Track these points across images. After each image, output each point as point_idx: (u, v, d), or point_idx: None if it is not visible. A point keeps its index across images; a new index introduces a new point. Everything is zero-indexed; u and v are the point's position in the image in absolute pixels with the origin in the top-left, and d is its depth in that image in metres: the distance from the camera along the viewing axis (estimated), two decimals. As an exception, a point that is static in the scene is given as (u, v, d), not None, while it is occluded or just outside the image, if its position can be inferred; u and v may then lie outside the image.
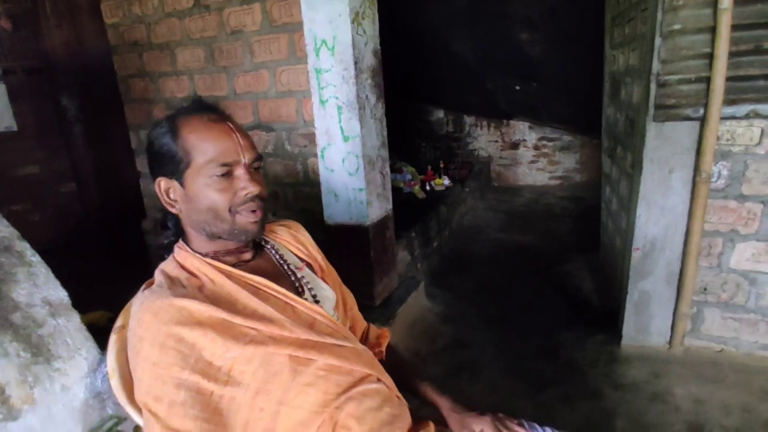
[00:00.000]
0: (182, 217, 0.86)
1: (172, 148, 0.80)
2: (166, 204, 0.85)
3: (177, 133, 0.80)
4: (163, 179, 0.83)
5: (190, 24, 2.57)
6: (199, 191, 0.81)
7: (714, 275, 1.97)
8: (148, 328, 0.73)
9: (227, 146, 0.81)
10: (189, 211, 0.84)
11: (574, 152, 5.35)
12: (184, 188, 0.82)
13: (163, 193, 0.84)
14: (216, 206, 0.81)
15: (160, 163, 0.82)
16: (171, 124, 0.82)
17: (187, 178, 0.81)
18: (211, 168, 0.79)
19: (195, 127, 0.81)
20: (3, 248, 0.71)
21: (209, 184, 0.80)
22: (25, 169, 3.88)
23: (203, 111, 0.84)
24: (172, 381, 0.70)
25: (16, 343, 0.66)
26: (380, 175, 2.24)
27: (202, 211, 0.82)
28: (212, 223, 0.83)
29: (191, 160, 0.80)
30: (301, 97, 2.36)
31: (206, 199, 0.81)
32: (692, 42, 1.71)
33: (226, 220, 0.82)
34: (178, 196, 0.83)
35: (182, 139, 0.80)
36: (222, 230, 0.83)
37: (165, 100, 2.84)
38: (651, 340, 2.12)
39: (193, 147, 0.80)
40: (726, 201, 1.86)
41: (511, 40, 3.70)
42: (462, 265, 3.46)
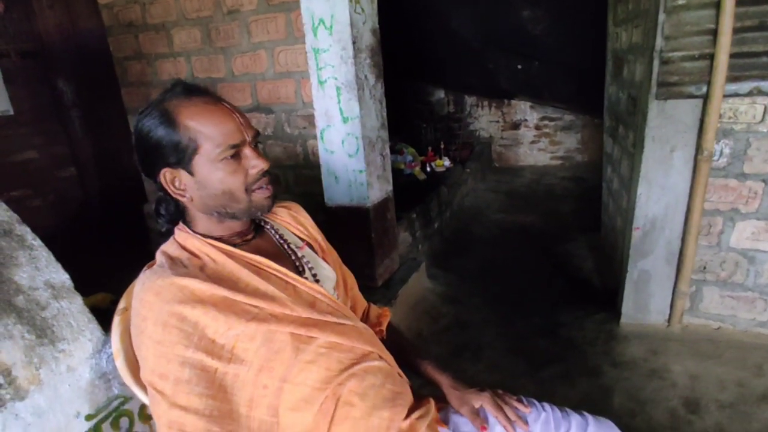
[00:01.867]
0: (192, 205, 0.84)
1: (174, 137, 0.78)
2: (176, 194, 0.83)
3: (175, 121, 0.78)
4: (168, 170, 0.81)
5: (185, 4, 2.53)
6: (211, 176, 0.80)
7: (713, 254, 1.97)
8: (150, 308, 0.73)
9: (231, 127, 0.80)
10: (202, 198, 0.82)
11: (576, 132, 5.31)
12: (193, 175, 0.80)
13: (169, 183, 0.82)
14: (231, 188, 0.81)
15: (160, 155, 0.79)
16: (164, 113, 0.79)
17: (195, 165, 0.80)
18: (220, 151, 0.79)
19: (195, 113, 0.78)
20: (3, 232, 0.71)
21: (221, 167, 0.80)
22: (24, 154, 3.86)
23: (193, 94, 0.81)
24: (176, 359, 0.71)
25: (20, 326, 0.67)
26: (380, 156, 2.23)
27: (217, 195, 0.82)
28: (228, 205, 0.83)
29: (198, 146, 0.78)
30: (300, 78, 2.34)
31: (221, 183, 0.81)
32: (696, 18, 1.68)
33: (242, 200, 0.83)
34: (187, 184, 0.82)
35: (183, 127, 0.78)
36: (238, 210, 0.84)
37: (162, 83, 2.81)
38: (650, 318, 2.14)
39: (198, 133, 0.78)
40: (727, 180, 1.85)
41: (513, 17, 3.64)
42: (463, 246, 3.47)
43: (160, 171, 0.81)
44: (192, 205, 0.85)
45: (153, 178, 0.84)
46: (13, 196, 3.81)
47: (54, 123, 3.96)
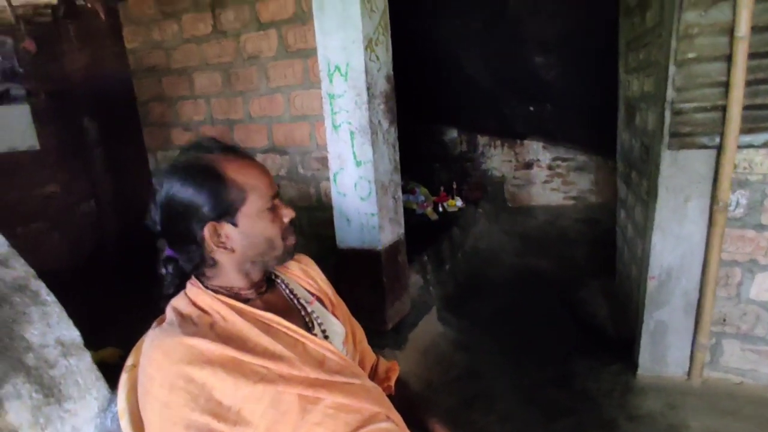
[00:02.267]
0: (229, 257, 0.85)
1: (221, 190, 0.81)
2: (218, 247, 0.83)
3: (222, 176, 0.81)
4: (212, 224, 0.82)
5: (207, 49, 2.63)
6: (256, 225, 0.85)
7: (733, 306, 1.92)
8: (158, 368, 0.73)
9: (267, 180, 0.86)
10: (244, 248, 0.85)
11: (589, 173, 5.30)
12: (237, 227, 0.83)
13: (211, 236, 0.82)
14: (272, 236, 0.87)
15: (203, 211, 0.80)
16: (209, 170, 0.81)
17: (240, 217, 0.83)
18: (263, 202, 0.84)
19: (239, 167, 0.83)
20: (18, 287, 0.72)
21: (264, 217, 0.85)
22: (46, 188, 3.96)
23: (229, 152, 0.86)
24: (181, 422, 0.70)
25: (28, 385, 0.67)
26: (392, 199, 2.24)
27: (260, 243, 0.86)
28: (267, 253, 0.87)
29: (245, 198, 0.82)
30: (315, 121, 2.39)
31: (265, 231, 0.86)
32: (707, 70, 1.70)
33: (279, 247, 0.88)
34: (231, 236, 0.83)
35: (231, 181, 0.81)
36: (273, 258, 0.89)
37: (182, 123, 2.90)
38: (668, 370, 2.07)
39: (244, 186, 0.82)
40: (744, 230, 1.82)
41: (526, 63, 3.71)
42: (475, 290, 3.43)
43: (203, 226, 0.81)
44: (229, 258, 0.85)
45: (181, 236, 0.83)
46: (32, 228, 3.89)
47: (77, 160, 4.08)
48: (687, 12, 1.67)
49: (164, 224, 0.85)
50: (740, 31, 1.60)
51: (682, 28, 1.70)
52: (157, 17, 2.75)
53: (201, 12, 2.57)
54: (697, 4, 1.66)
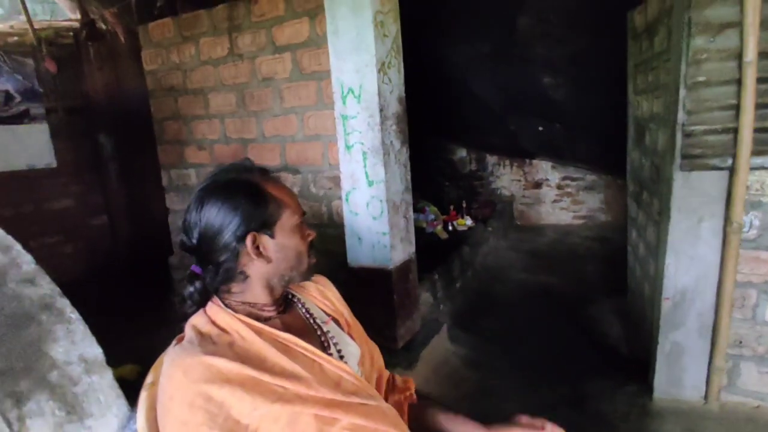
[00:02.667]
0: (264, 268, 0.89)
1: (262, 205, 0.88)
2: (258, 256, 0.88)
3: (264, 192, 0.89)
4: (254, 234, 0.87)
5: (223, 71, 2.70)
6: (290, 239, 0.91)
7: (749, 328, 1.89)
8: (178, 387, 0.74)
9: (296, 200, 0.95)
10: (279, 260, 0.90)
11: (598, 192, 5.30)
12: (274, 238, 0.89)
13: (252, 246, 0.87)
14: (301, 250, 0.93)
15: (246, 222, 0.86)
16: (253, 186, 0.89)
17: (277, 230, 0.89)
18: (296, 218, 0.92)
19: (275, 186, 0.92)
20: (44, 306, 0.74)
21: (296, 231, 0.92)
22: (61, 202, 4.04)
23: (265, 175, 0.94)
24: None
25: (52, 402, 0.68)
26: (404, 219, 2.26)
27: (293, 257, 0.92)
28: (296, 267, 0.93)
29: (282, 213, 0.90)
30: (327, 141, 2.43)
31: (297, 245, 0.92)
32: (717, 94, 1.72)
33: (305, 263, 0.94)
34: (268, 247, 0.89)
35: (271, 197, 0.89)
36: (299, 272, 0.94)
37: (196, 141, 2.96)
38: (685, 394, 2.04)
39: (281, 202, 0.90)
40: (758, 252, 1.81)
41: (534, 83, 3.75)
42: (486, 307, 3.41)
43: (244, 236, 0.86)
44: (263, 269, 0.89)
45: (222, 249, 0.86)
46: (47, 242, 3.96)
47: (92, 174, 4.17)
48: (695, 38, 1.70)
49: (202, 238, 0.87)
50: (748, 57, 1.62)
51: (691, 54, 1.72)
52: (177, 40, 2.83)
53: (219, 36, 2.65)
54: (705, 30, 1.68)
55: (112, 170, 4.20)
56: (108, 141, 4.13)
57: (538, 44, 3.42)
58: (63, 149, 3.98)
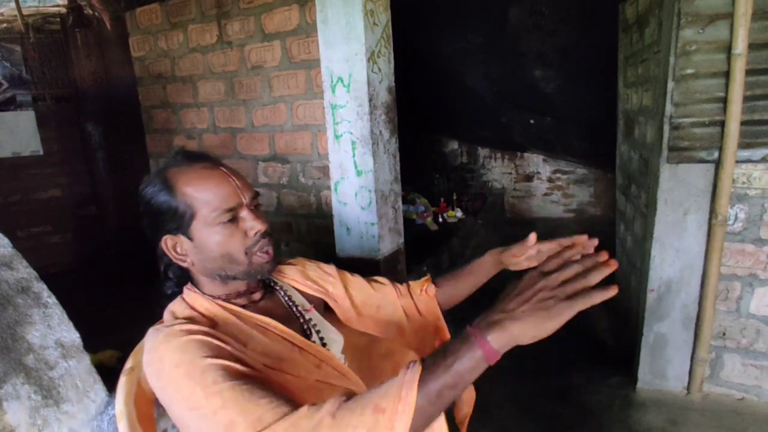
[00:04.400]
0: (194, 269, 0.87)
1: (172, 204, 0.81)
2: (177, 260, 0.85)
3: (173, 188, 0.81)
4: (169, 236, 0.83)
5: (212, 59, 2.67)
6: (209, 240, 0.82)
7: (733, 320, 1.92)
8: (165, 349, 0.72)
9: (227, 191, 0.82)
10: (202, 262, 0.84)
11: (589, 186, 5.32)
12: (192, 240, 0.83)
13: (171, 250, 0.84)
14: (230, 251, 0.83)
15: (161, 221, 0.82)
16: (164, 181, 0.82)
17: (193, 231, 0.82)
18: (216, 216, 0.81)
19: (191, 179, 0.81)
20: (21, 289, 0.73)
21: (218, 231, 0.81)
22: (48, 192, 4.00)
23: (193, 161, 0.85)
24: (197, 372, 0.68)
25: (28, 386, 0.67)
26: (392, 209, 2.25)
27: (216, 258, 0.83)
28: (228, 268, 0.84)
29: (195, 212, 0.81)
30: (317, 131, 2.41)
31: (219, 247, 0.82)
32: (706, 86, 1.72)
33: (242, 263, 0.84)
34: (187, 249, 0.84)
35: (181, 193, 0.80)
36: (238, 272, 0.85)
37: (185, 130, 2.92)
38: (668, 384, 2.06)
39: (194, 198, 0.80)
40: (743, 244, 1.83)
41: (526, 76, 3.75)
42: (473, 300, 3.41)
43: (162, 238, 0.83)
44: (194, 269, 0.87)
45: (156, 243, 0.86)
46: (34, 232, 3.92)
47: (80, 163, 4.12)
48: (685, 29, 1.70)
49: (147, 231, 0.87)
50: (737, 49, 1.63)
51: (680, 45, 1.72)
52: (164, 27, 2.79)
53: (207, 23, 2.61)
54: (694, 22, 1.69)
55: (100, 159, 4.15)
56: (96, 129, 4.07)
57: (529, 37, 3.41)
58: (50, 138, 3.93)
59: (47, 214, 3.99)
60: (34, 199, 3.93)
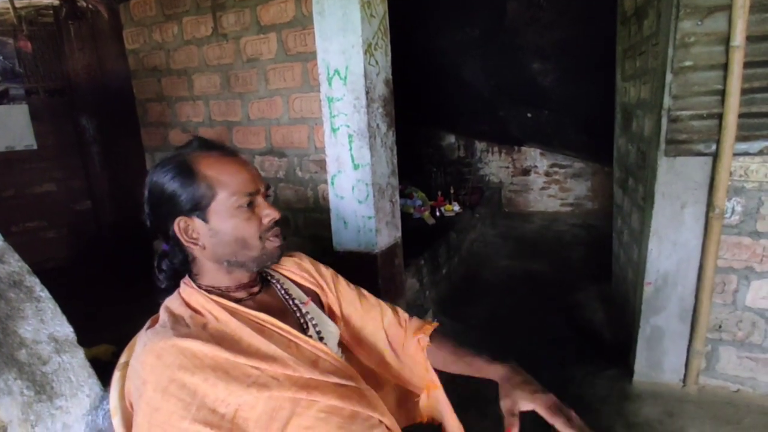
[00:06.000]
0: (203, 254, 0.86)
1: (191, 185, 0.81)
2: (188, 242, 0.84)
3: (194, 171, 0.82)
4: (182, 218, 0.83)
5: (208, 51, 2.64)
6: (226, 223, 0.83)
7: (729, 312, 1.92)
8: (151, 371, 0.72)
9: (246, 177, 0.84)
10: (214, 246, 0.84)
11: (586, 179, 5.33)
12: (207, 223, 0.83)
13: (182, 232, 0.83)
14: (245, 235, 0.84)
15: (174, 204, 0.82)
16: (182, 164, 0.83)
17: (210, 213, 0.82)
18: (236, 200, 0.82)
19: (212, 163, 0.83)
20: (12, 283, 0.72)
21: (236, 215, 0.83)
22: (42, 187, 3.97)
23: (211, 148, 0.86)
24: (171, 430, 0.69)
25: (20, 381, 0.66)
26: (390, 203, 2.25)
27: (230, 242, 0.84)
28: (240, 253, 0.85)
29: (215, 194, 0.81)
30: (313, 124, 2.39)
31: (235, 230, 0.83)
32: (704, 78, 1.71)
33: (255, 248, 0.85)
34: (201, 232, 0.83)
35: (201, 176, 0.81)
36: (249, 258, 0.86)
37: (181, 124, 2.90)
38: (664, 377, 2.07)
39: (215, 181, 0.81)
40: (740, 237, 1.83)
41: (523, 69, 3.73)
42: (471, 294, 3.42)
43: (174, 220, 0.83)
44: (202, 254, 0.86)
45: (163, 229, 0.85)
46: (28, 227, 3.89)
47: (74, 158, 4.08)
48: (683, 21, 1.69)
49: (150, 218, 0.86)
50: (736, 41, 1.62)
51: (678, 37, 1.71)
52: (159, 19, 2.76)
53: (202, 14, 2.58)
54: (693, 13, 1.68)
55: (95, 153, 4.11)
56: (90, 123, 4.04)
57: (527, 29, 3.39)
58: (44, 132, 3.89)
59: (42, 208, 3.96)
60: (28, 193, 3.90)
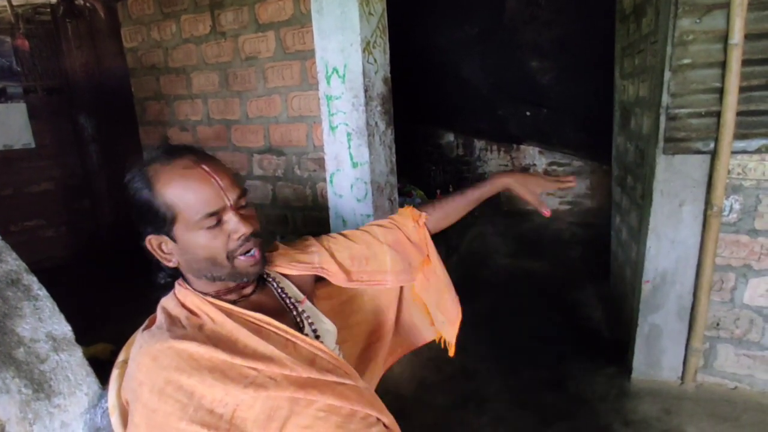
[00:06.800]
0: (181, 267, 0.85)
1: (153, 204, 0.77)
2: (162, 259, 0.83)
3: (153, 188, 0.77)
4: (153, 236, 0.81)
5: (206, 49, 2.63)
6: (192, 243, 0.79)
7: (727, 310, 1.93)
8: (147, 373, 0.72)
9: (208, 194, 0.78)
10: (187, 262, 0.83)
11: (585, 178, 5.32)
12: (175, 242, 0.80)
13: (156, 249, 0.82)
14: (212, 255, 0.80)
15: (145, 220, 0.80)
16: (144, 178, 0.79)
17: (176, 232, 0.79)
18: (197, 220, 0.77)
19: (170, 179, 0.77)
20: (10, 282, 0.72)
21: (201, 235, 0.79)
22: (41, 185, 3.96)
23: (174, 157, 0.80)
24: (170, 431, 0.69)
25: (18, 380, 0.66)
26: (389, 201, 2.25)
27: (200, 260, 0.81)
28: (212, 269, 0.82)
29: (176, 214, 0.77)
30: (312, 122, 2.39)
31: (201, 250, 0.80)
32: (702, 76, 1.71)
33: (225, 266, 0.82)
34: (172, 249, 0.82)
35: (160, 195, 0.77)
36: (223, 274, 0.83)
37: (179, 122, 2.89)
38: (662, 374, 2.08)
39: (173, 202, 0.77)
40: (738, 235, 1.83)
41: (522, 67, 3.73)
42: (470, 292, 3.41)
43: (146, 237, 0.81)
44: (181, 268, 0.85)
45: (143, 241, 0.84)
46: (27, 226, 3.88)
47: (72, 156, 4.08)
48: (682, 19, 1.69)
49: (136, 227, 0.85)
50: (734, 39, 1.62)
51: (677, 35, 1.71)
52: (157, 17, 2.75)
53: (200, 13, 2.58)
54: (691, 11, 1.68)
55: (93, 152, 4.11)
56: (88, 122, 4.03)
57: (526, 27, 3.40)
58: (42, 131, 3.88)
59: (40, 207, 3.95)
60: (26, 192, 3.89)
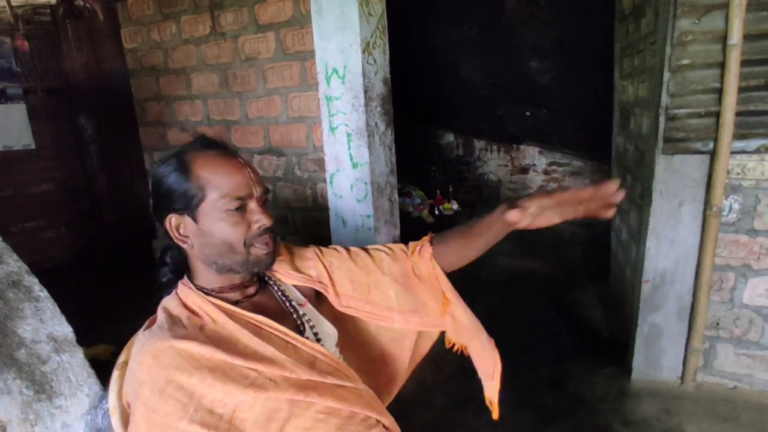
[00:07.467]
0: (192, 252, 0.86)
1: (183, 184, 0.81)
2: (178, 240, 0.84)
3: (188, 170, 0.82)
4: (174, 215, 0.83)
5: (206, 50, 2.64)
6: (213, 225, 0.82)
7: (726, 310, 1.93)
8: (148, 373, 0.73)
9: (240, 180, 0.83)
10: (201, 246, 0.84)
11: (584, 178, 5.33)
12: (197, 223, 0.82)
13: (173, 229, 0.84)
14: (230, 240, 0.82)
15: (169, 200, 0.82)
16: (180, 161, 0.83)
17: (200, 213, 0.82)
18: (225, 202, 0.81)
19: (207, 163, 0.82)
20: (11, 283, 0.72)
21: (223, 218, 0.81)
22: (41, 186, 3.96)
23: (211, 147, 0.86)
24: (169, 431, 0.70)
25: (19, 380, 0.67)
26: (388, 201, 2.25)
27: (216, 245, 0.83)
28: (225, 256, 0.83)
29: (205, 195, 0.81)
30: (312, 123, 2.39)
31: (221, 233, 0.82)
32: (701, 77, 1.72)
33: (240, 253, 0.83)
34: (190, 231, 0.84)
35: (194, 175, 0.81)
36: (235, 262, 0.84)
37: (179, 123, 2.90)
38: (662, 374, 2.08)
39: (206, 182, 0.81)
40: (737, 235, 1.83)
41: (522, 67, 3.73)
42: (469, 292, 3.38)
43: (167, 216, 0.83)
44: (192, 253, 0.86)
45: (161, 222, 0.86)
46: (27, 227, 3.88)
47: (73, 157, 4.08)
48: (681, 20, 1.69)
49: (152, 211, 0.87)
50: (733, 39, 1.62)
51: (676, 36, 1.71)
52: (157, 18, 2.76)
53: (200, 13, 2.58)
54: (690, 12, 1.68)
55: (93, 152, 4.11)
56: (88, 122, 4.03)
57: (525, 28, 3.40)
58: (42, 131, 3.88)
59: (41, 208, 3.96)
60: (27, 193, 3.89)
